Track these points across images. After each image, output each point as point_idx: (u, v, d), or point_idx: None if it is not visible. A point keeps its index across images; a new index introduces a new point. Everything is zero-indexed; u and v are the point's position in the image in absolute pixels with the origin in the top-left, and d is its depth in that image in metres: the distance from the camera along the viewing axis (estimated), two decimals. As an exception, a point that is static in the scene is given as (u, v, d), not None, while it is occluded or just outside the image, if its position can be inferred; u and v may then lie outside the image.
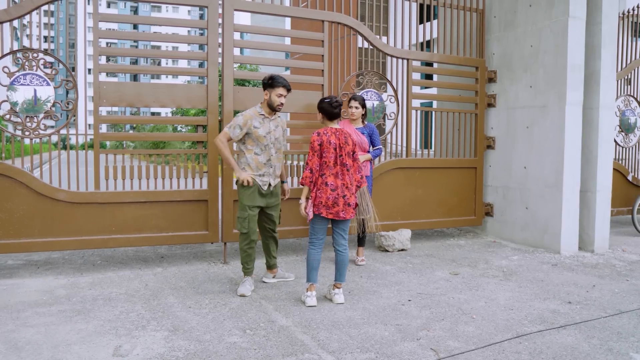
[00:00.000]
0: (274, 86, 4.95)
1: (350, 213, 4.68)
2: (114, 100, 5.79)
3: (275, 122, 5.11)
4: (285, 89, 5.01)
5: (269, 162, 5.03)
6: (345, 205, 4.64)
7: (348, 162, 4.69)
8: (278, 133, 5.11)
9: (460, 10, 7.85)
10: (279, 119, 5.21)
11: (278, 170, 5.16)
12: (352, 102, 6.19)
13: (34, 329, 3.98)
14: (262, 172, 5.00)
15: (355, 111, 6.17)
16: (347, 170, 4.69)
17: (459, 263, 6.39)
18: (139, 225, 5.84)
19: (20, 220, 5.44)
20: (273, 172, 5.08)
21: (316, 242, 4.70)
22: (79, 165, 5.84)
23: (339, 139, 4.68)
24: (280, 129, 5.15)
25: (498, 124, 7.93)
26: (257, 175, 4.99)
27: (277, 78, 4.99)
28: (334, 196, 4.59)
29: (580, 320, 4.39)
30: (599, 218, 7.19)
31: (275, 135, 5.07)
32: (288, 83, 5.07)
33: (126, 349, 3.65)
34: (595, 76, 7.18)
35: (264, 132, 4.97)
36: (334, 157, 4.63)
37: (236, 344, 3.76)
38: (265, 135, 4.98)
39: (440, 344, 3.83)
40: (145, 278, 5.50)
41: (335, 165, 4.64)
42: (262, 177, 5.01)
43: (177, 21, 6.09)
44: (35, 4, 5.44)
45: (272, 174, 5.07)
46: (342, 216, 4.64)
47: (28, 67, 5.49)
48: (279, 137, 5.12)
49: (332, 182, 4.60)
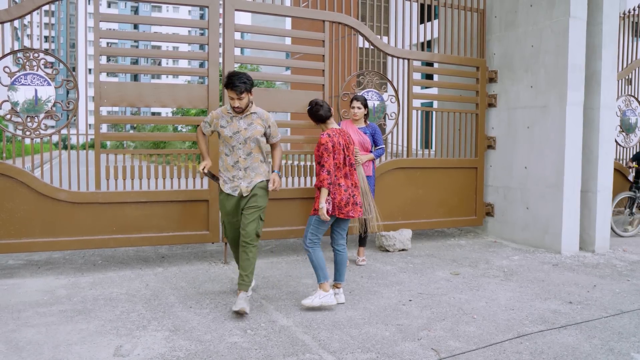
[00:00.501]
0: (226, 88, 4.43)
1: (358, 211, 4.70)
2: (115, 100, 5.79)
3: (248, 120, 4.56)
4: (233, 92, 4.36)
5: (237, 165, 4.55)
6: (354, 205, 4.66)
7: (353, 161, 4.75)
8: (251, 132, 4.53)
9: (461, 10, 7.85)
10: (255, 115, 4.61)
11: (254, 171, 4.60)
12: (354, 103, 6.19)
13: (35, 329, 3.98)
14: (231, 175, 4.59)
15: (358, 111, 6.17)
16: (354, 169, 4.74)
17: (460, 263, 6.39)
18: (139, 225, 5.84)
19: (21, 220, 5.44)
20: (245, 176, 4.57)
21: (317, 241, 4.67)
22: (79, 165, 5.84)
23: (345, 139, 4.71)
24: (256, 126, 4.56)
25: (499, 124, 7.93)
26: (227, 179, 4.61)
27: (230, 78, 4.37)
28: (347, 196, 4.61)
29: (581, 320, 4.39)
30: (600, 218, 7.19)
31: (246, 134, 4.51)
32: (242, 85, 4.35)
33: (127, 349, 3.65)
34: (596, 76, 7.18)
35: (230, 132, 4.52)
36: (342, 157, 4.64)
37: (237, 344, 3.76)
38: (232, 135, 4.51)
39: (441, 344, 3.83)
40: (146, 278, 5.50)
41: (345, 165, 4.66)
42: (232, 181, 4.58)
43: (178, 21, 6.09)
44: (36, 4, 5.44)
45: (243, 178, 4.56)
46: (352, 215, 4.64)
47: (29, 67, 5.49)
48: (251, 136, 4.52)
49: (343, 183, 4.62)
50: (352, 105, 6.22)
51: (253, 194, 4.56)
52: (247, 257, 4.52)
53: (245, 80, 4.36)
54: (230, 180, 4.59)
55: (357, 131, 6.16)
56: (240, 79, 4.34)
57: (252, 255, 4.53)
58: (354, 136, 6.14)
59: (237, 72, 4.39)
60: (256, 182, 4.58)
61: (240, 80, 4.34)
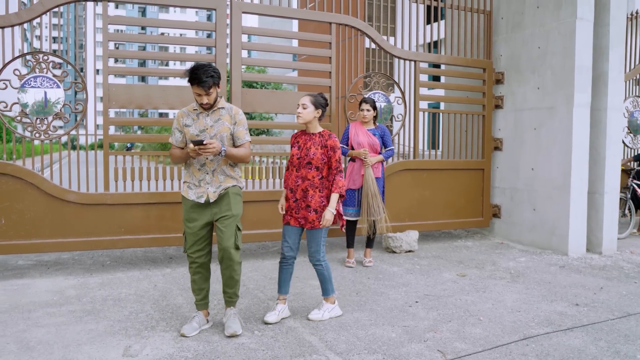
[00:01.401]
0: (191, 84, 3.85)
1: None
2: (123, 102, 5.85)
3: (215, 117, 4.00)
4: (199, 87, 3.83)
5: (204, 168, 3.98)
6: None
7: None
8: (217, 129, 3.96)
9: (467, 11, 7.86)
10: (223, 110, 4.05)
11: (223, 175, 4.03)
12: (364, 105, 6.20)
13: (45, 329, 4.03)
14: (197, 179, 4.00)
15: (367, 114, 6.19)
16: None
17: (466, 264, 6.39)
18: (147, 227, 5.89)
19: (31, 221, 5.50)
20: (213, 180, 3.99)
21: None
22: (88, 166, 5.89)
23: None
24: (223, 122, 4.00)
25: (505, 126, 7.93)
26: (192, 185, 4.02)
27: (193, 72, 3.81)
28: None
29: (587, 322, 4.39)
30: (607, 220, 7.18)
31: (212, 132, 3.95)
32: (207, 78, 3.80)
33: (136, 349, 3.68)
34: (603, 77, 7.17)
35: (196, 130, 3.96)
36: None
37: (244, 345, 3.79)
38: (198, 134, 3.95)
39: (447, 346, 3.84)
40: (154, 279, 5.54)
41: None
42: (198, 186, 4.00)
43: (186, 24, 6.14)
44: (46, 7, 5.50)
45: (210, 182, 3.98)
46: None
47: (38, 70, 5.55)
48: (218, 133, 3.96)
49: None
50: (361, 107, 6.24)
51: (225, 201, 4.01)
52: (231, 275, 4.06)
53: (212, 74, 3.83)
54: (195, 186, 4.01)
55: (366, 133, 6.18)
56: (206, 72, 3.80)
57: (237, 272, 4.08)
58: (364, 138, 6.16)
59: (202, 65, 3.86)
60: (227, 187, 4.02)
61: (207, 74, 3.80)
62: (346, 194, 6.20)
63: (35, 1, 5.52)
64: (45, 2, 5.49)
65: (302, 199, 4.24)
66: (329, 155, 4.24)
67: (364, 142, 6.14)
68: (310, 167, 4.21)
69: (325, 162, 4.24)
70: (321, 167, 4.23)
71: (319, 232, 4.27)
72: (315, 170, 4.21)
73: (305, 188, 4.23)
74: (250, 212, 6.13)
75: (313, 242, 4.30)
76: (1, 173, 5.38)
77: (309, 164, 4.22)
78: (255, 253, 6.84)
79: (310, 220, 4.23)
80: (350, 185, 6.17)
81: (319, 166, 4.22)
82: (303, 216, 4.25)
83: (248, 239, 6.27)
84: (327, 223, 4.20)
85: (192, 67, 3.85)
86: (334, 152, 4.23)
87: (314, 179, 4.21)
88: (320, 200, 4.23)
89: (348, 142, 6.25)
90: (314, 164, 4.21)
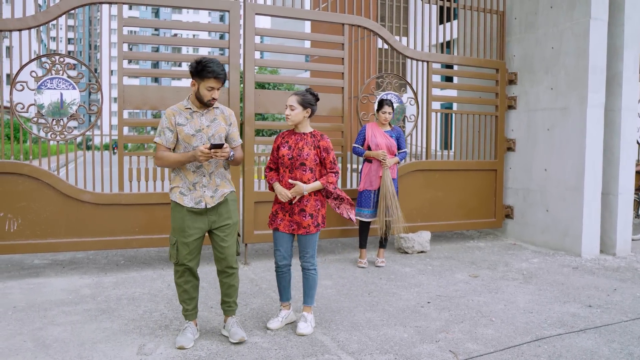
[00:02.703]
0: (203, 77, 3.64)
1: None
2: (138, 104, 5.90)
3: (211, 116, 3.80)
4: (217, 81, 3.65)
5: (201, 170, 3.75)
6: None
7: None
8: (214, 129, 3.78)
9: (480, 12, 7.84)
10: (217, 110, 3.86)
11: (221, 178, 3.84)
12: (386, 108, 6.17)
13: (61, 327, 4.09)
14: (191, 182, 3.75)
15: (389, 117, 6.20)
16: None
17: (479, 265, 6.38)
18: (161, 226, 5.93)
19: (47, 221, 5.57)
20: (210, 183, 3.77)
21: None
22: (103, 166, 5.96)
23: None
24: (219, 122, 3.82)
25: (518, 126, 7.90)
26: (186, 189, 3.75)
27: (208, 64, 3.62)
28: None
29: (600, 324, 4.37)
30: (621, 221, 7.13)
31: (209, 132, 3.75)
32: (222, 71, 3.66)
33: (150, 347, 3.73)
34: (618, 78, 7.12)
35: (191, 129, 3.71)
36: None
37: (257, 344, 3.82)
38: (194, 134, 3.71)
39: (459, 347, 3.85)
40: (168, 278, 5.59)
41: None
42: (193, 190, 3.75)
43: (200, 25, 6.18)
44: (62, 9, 5.57)
45: (207, 185, 3.76)
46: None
47: (54, 72, 5.62)
48: (215, 134, 3.77)
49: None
50: (383, 109, 6.19)
51: (225, 209, 3.85)
52: (232, 283, 3.97)
53: (223, 67, 3.71)
54: (190, 190, 3.75)
55: (384, 135, 6.20)
56: (219, 65, 3.66)
57: (236, 280, 4.00)
58: (382, 140, 6.17)
59: (212, 59, 3.70)
60: (225, 193, 3.84)
61: (222, 67, 3.66)
62: (363, 195, 6.22)
63: (52, 4, 5.59)
64: (61, 5, 5.56)
65: (297, 202, 4.07)
66: (323, 157, 4.10)
67: (382, 144, 6.15)
68: (304, 168, 4.04)
69: (317, 164, 4.09)
70: (314, 168, 4.07)
71: (314, 236, 4.13)
72: (310, 173, 4.05)
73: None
74: (263, 212, 6.16)
75: (309, 247, 4.13)
76: (18, 173, 5.45)
77: (302, 165, 4.04)
78: (268, 253, 6.87)
79: (304, 225, 4.05)
80: (367, 187, 6.19)
81: (313, 167, 4.06)
82: (296, 221, 4.07)
83: (259, 239, 6.29)
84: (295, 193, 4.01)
85: (203, 61, 3.63)
86: (328, 154, 4.10)
87: (309, 181, 4.05)
88: (315, 205, 4.10)
89: (364, 142, 6.25)
90: (308, 165, 4.05)
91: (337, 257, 6.71)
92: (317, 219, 4.11)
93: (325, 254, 6.83)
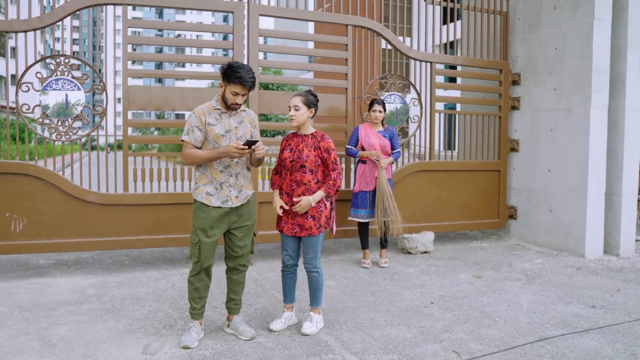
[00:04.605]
0: (230, 81, 3.70)
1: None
2: (142, 104, 5.93)
3: (238, 118, 3.91)
4: (242, 87, 3.72)
5: (228, 170, 3.84)
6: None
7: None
8: (242, 131, 3.89)
9: (483, 12, 7.84)
10: (244, 113, 3.97)
11: (244, 179, 3.94)
12: (376, 106, 6.20)
13: (66, 327, 4.11)
14: (218, 182, 3.83)
15: (379, 115, 6.20)
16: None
17: (482, 266, 6.39)
18: (166, 227, 5.96)
19: (52, 221, 5.60)
20: (236, 183, 3.87)
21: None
22: (108, 167, 5.99)
23: None
24: (246, 125, 3.93)
25: (522, 127, 7.90)
26: (212, 189, 3.82)
27: (237, 71, 3.68)
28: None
29: (603, 324, 4.37)
30: (625, 221, 7.12)
31: (238, 133, 3.86)
32: (250, 79, 3.72)
33: (155, 347, 3.75)
34: (621, 78, 7.12)
35: (222, 130, 3.80)
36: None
37: (261, 344, 3.84)
38: (224, 134, 3.80)
39: (462, 347, 3.86)
40: (172, 278, 5.61)
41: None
42: (220, 190, 3.83)
43: (204, 26, 6.21)
44: (67, 10, 5.60)
45: (234, 185, 3.86)
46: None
47: (59, 73, 5.65)
48: (243, 135, 3.89)
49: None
50: (373, 108, 6.22)
51: (246, 210, 3.95)
52: (241, 281, 4.08)
53: (253, 75, 3.77)
54: (217, 190, 3.83)
55: (377, 135, 6.20)
56: (249, 72, 3.72)
57: (245, 278, 4.13)
58: (375, 140, 6.18)
59: (244, 65, 3.77)
60: (247, 195, 3.94)
61: (250, 75, 3.72)
62: (359, 196, 6.22)
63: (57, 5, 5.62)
64: (67, 6, 5.59)
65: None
66: (324, 157, 4.06)
67: (375, 144, 6.16)
68: (304, 170, 4.02)
69: (319, 165, 4.06)
70: (315, 169, 4.04)
71: (316, 238, 4.10)
72: (310, 174, 4.03)
73: (302, 194, 4.03)
74: (267, 212, 6.18)
75: (310, 249, 4.11)
76: (23, 174, 5.49)
77: (302, 167, 4.02)
78: (272, 253, 6.89)
79: (307, 227, 4.03)
80: (363, 187, 6.19)
81: (313, 169, 4.03)
82: (298, 223, 4.05)
83: (264, 240, 6.31)
84: (299, 208, 4.00)
85: (233, 66, 3.70)
86: (329, 154, 4.06)
87: (309, 183, 4.03)
88: (317, 206, 4.05)
89: (357, 143, 6.26)
90: (308, 167, 4.02)
91: (340, 258, 6.72)
92: (320, 221, 4.07)
93: (328, 255, 6.85)
